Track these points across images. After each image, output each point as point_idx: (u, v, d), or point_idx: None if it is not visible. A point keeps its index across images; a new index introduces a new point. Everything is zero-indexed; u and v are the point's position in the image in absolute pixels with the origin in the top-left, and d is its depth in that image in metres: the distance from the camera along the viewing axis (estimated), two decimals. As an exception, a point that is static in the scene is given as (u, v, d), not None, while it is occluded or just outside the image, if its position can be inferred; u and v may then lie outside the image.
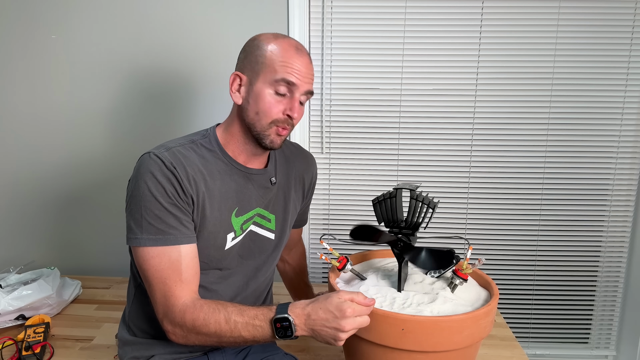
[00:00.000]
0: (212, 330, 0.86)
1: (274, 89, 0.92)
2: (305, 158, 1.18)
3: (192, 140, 0.97)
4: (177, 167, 0.89)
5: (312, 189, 1.21)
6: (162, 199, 0.88)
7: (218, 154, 0.98)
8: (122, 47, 1.63)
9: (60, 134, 1.69)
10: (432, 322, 0.83)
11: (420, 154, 1.72)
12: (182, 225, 0.90)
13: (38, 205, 1.74)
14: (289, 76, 0.92)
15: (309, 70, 0.96)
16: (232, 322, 0.85)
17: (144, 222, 0.88)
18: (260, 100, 0.93)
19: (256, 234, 1.04)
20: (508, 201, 1.74)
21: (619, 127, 1.69)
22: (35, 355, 1.18)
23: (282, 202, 1.09)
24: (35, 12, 1.61)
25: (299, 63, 0.93)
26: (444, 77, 1.67)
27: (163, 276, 0.88)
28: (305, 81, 0.94)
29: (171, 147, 0.93)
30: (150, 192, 0.88)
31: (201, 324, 0.86)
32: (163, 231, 0.88)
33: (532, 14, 1.62)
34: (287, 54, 0.92)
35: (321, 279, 1.84)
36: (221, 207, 0.96)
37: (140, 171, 0.90)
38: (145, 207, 0.88)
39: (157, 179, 0.88)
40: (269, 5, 1.59)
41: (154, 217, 0.88)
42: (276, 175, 1.07)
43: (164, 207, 0.88)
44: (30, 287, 1.37)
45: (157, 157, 0.89)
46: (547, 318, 1.82)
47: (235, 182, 0.98)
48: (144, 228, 0.88)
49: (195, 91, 1.65)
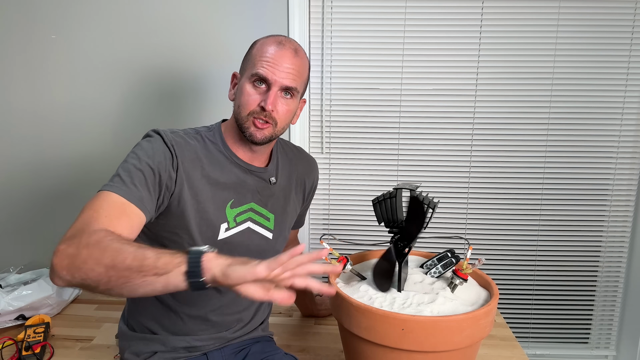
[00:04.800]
0: (112, 247, 0.71)
1: (252, 83, 0.96)
2: (308, 162, 1.19)
3: (197, 131, 1.02)
4: (175, 146, 0.92)
5: (312, 192, 1.22)
6: (144, 158, 0.88)
7: (220, 147, 1.00)
8: (122, 47, 1.63)
9: (60, 133, 1.68)
10: (432, 322, 0.83)
11: (420, 154, 1.72)
12: (146, 188, 0.86)
13: (38, 205, 1.74)
14: (263, 71, 0.94)
15: (291, 65, 0.95)
16: (141, 247, 0.71)
17: (116, 175, 0.87)
18: (240, 93, 0.98)
19: (254, 231, 1.04)
20: (508, 201, 1.74)
21: (619, 127, 1.69)
22: (35, 355, 1.18)
23: (282, 203, 1.09)
24: (35, 12, 1.61)
25: (277, 58, 0.94)
26: (444, 77, 1.67)
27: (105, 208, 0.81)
28: (281, 76, 0.94)
29: (175, 131, 0.98)
30: (136, 152, 0.90)
31: (100, 238, 0.73)
32: (125, 183, 0.85)
33: (532, 14, 1.62)
34: (266, 49, 0.96)
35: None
36: (216, 196, 0.97)
37: (141, 140, 0.95)
38: (125, 161, 0.89)
39: (152, 145, 0.91)
40: (269, 5, 1.59)
41: (125, 170, 0.87)
42: (277, 176, 1.08)
43: (141, 165, 0.87)
44: (30, 287, 1.38)
45: (160, 132, 0.94)
46: (547, 318, 1.82)
47: (235, 175, 1.00)
48: (111, 178, 0.87)
49: (195, 91, 1.65)
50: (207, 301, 1.01)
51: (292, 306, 1.47)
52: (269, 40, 0.98)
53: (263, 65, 0.94)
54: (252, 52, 0.98)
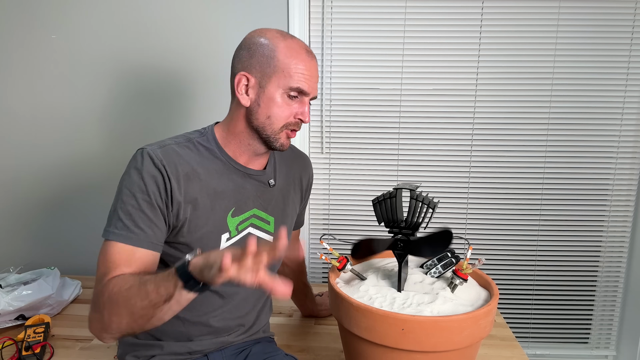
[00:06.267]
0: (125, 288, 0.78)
1: (287, 94, 0.92)
2: (302, 160, 1.17)
3: (189, 139, 0.96)
4: (166, 165, 0.88)
5: (309, 190, 1.20)
6: (139, 195, 0.86)
7: (216, 153, 0.96)
8: (122, 47, 1.63)
9: (60, 133, 1.69)
10: (432, 322, 0.83)
11: (420, 154, 1.72)
12: (149, 227, 0.87)
13: (38, 205, 1.74)
14: (304, 85, 0.92)
15: (317, 75, 0.97)
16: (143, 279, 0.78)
17: (115, 216, 0.87)
18: (273, 104, 0.92)
19: (254, 236, 1.03)
20: (508, 201, 1.74)
21: (619, 127, 1.69)
22: (35, 355, 1.18)
23: (282, 205, 1.08)
24: (31, 12, 1.61)
25: (311, 69, 0.93)
26: (444, 77, 1.67)
27: (109, 261, 0.84)
28: (315, 87, 0.96)
29: (166, 144, 0.92)
30: (130, 188, 0.87)
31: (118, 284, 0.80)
32: (128, 228, 0.85)
33: (532, 14, 1.62)
34: (300, 60, 0.92)
35: (321, 279, 1.84)
36: (216, 206, 0.94)
37: (129, 166, 0.90)
38: (121, 201, 0.87)
39: (142, 175, 0.87)
40: (269, 5, 1.59)
41: (125, 212, 0.86)
42: (275, 177, 1.06)
43: (139, 204, 0.86)
44: (30, 287, 1.37)
45: (148, 154, 0.88)
46: (547, 318, 1.82)
47: (233, 181, 0.97)
48: (112, 222, 0.87)
49: (195, 91, 1.65)
50: (208, 306, 1.00)
51: (293, 306, 1.47)
52: (297, 47, 0.93)
53: (302, 79, 0.91)
54: (280, 57, 0.91)
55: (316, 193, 1.76)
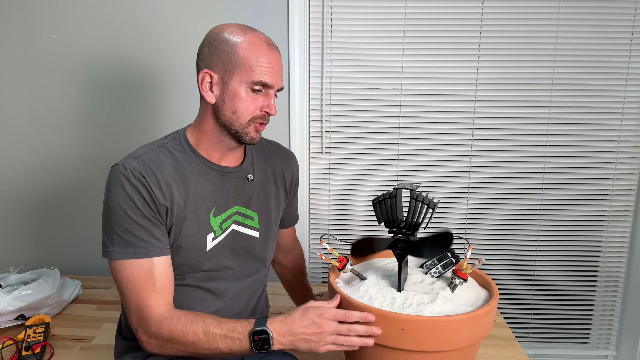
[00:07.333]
0: (190, 341, 0.86)
1: (251, 88, 0.92)
2: (286, 155, 1.16)
3: (162, 145, 0.96)
4: (146, 176, 0.89)
5: (294, 185, 1.19)
6: (131, 211, 0.88)
7: (190, 155, 0.97)
8: (120, 48, 1.63)
9: (59, 133, 1.69)
10: (432, 322, 0.83)
11: (420, 154, 1.72)
12: (152, 237, 0.89)
13: (38, 205, 1.74)
14: (267, 78, 0.92)
15: (281, 66, 0.96)
16: (210, 334, 0.86)
17: (115, 235, 0.88)
18: (237, 99, 0.93)
19: (239, 233, 1.03)
20: (508, 201, 1.74)
21: (619, 127, 1.69)
22: (35, 355, 1.18)
23: (264, 200, 1.08)
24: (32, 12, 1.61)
25: (273, 61, 0.93)
26: (444, 77, 1.67)
27: (136, 287, 0.88)
28: (279, 79, 0.95)
29: (140, 154, 0.92)
30: (120, 206, 0.88)
31: (179, 335, 0.86)
32: (133, 244, 0.88)
33: (532, 14, 1.62)
34: (262, 53, 0.92)
35: (321, 279, 1.84)
36: (197, 208, 0.95)
37: (110, 184, 0.90)
38: (115, 221, 0.88)
39: (126, 191, 0.88)
40: (269, 6, 1.59)
41: (124, 230, 0.88)
42: (254, 172, 1.06)
43: (133, 220, 0.88)
44: (30, 287, 1.37)
45: (125, 169, 0.89)
46: (547, 318, 1.82)
47: (211, 181, 0.98)
48: (115, 241, 0.88)
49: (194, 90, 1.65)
50: (202, 305, 1.00)
51: (292, 306, 1.47)
52: (257, 40, 0.92)
53: (264, 73, 0.91)
54: (239, 52, 0.91)
55: (316, 193, 1.77)
